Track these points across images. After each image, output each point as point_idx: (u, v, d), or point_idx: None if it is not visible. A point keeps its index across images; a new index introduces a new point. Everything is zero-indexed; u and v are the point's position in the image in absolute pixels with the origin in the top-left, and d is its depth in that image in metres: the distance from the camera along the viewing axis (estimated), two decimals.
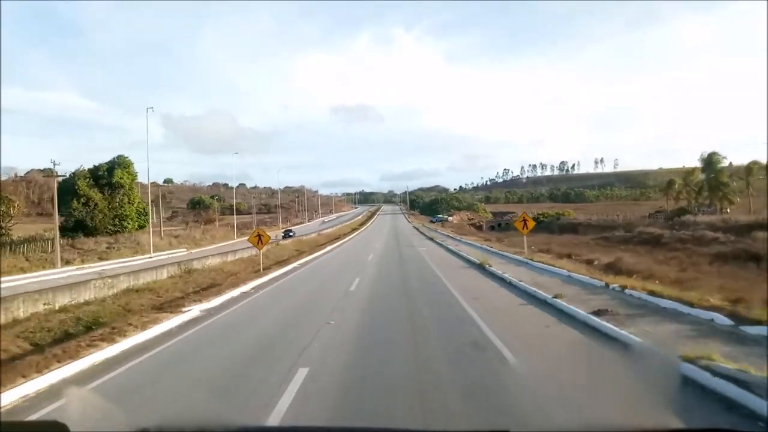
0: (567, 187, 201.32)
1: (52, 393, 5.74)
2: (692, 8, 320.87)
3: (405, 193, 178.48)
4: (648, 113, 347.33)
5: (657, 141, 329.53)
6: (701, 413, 4.30)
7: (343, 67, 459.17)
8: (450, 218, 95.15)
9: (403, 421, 4.48)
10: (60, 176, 33.77)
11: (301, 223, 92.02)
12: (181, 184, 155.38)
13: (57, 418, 1.55)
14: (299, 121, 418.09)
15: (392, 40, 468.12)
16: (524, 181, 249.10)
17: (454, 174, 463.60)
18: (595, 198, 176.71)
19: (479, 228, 70.57)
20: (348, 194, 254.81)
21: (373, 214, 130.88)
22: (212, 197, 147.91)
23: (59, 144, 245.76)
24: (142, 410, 4.95)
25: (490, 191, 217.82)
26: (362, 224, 77.66)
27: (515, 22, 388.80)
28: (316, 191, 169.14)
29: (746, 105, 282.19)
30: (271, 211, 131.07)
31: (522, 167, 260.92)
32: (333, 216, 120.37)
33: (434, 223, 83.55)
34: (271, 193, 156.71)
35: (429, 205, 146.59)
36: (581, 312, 8.99)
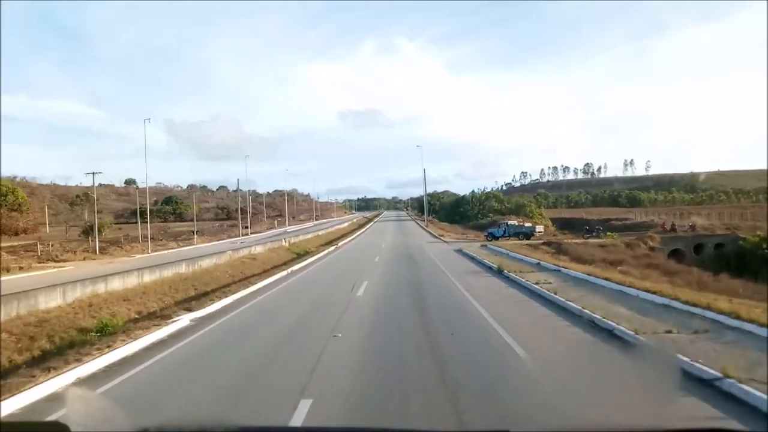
0: (612, 190, 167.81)
1: None
2: (697, 17, 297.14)
3: (422, 196, 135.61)
4: (658, 120, 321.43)
5: (667, 147, 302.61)
6: None
7: (348, 75, 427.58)
8: (539, 229, 42.08)
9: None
10: None
11: (245, 235, 54.21)
12: (153, 186, 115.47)
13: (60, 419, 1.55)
14: (305, 128, 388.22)
15: (396, 50, 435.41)
16: (548, 184, 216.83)
17: (462, 181, 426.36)
18: (651, 202, 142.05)
19: (679, 255, 29.28)
20: (348, 200, 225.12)
21: (369, 220, 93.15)
22: (179, 200, 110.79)
23: (64, 153, 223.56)
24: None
25: (510, 196, 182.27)
26: (330, 243, 37.06)
27: (518, 33, 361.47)
28: (308, 194, 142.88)
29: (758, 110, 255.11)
30: (231, 216, 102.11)
31: (542, 170, 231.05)
32: (310, 224, 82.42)
33: (496, 239, 38.30)
34: (255, 196, 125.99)
35: (453, 207, 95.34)
36: None
